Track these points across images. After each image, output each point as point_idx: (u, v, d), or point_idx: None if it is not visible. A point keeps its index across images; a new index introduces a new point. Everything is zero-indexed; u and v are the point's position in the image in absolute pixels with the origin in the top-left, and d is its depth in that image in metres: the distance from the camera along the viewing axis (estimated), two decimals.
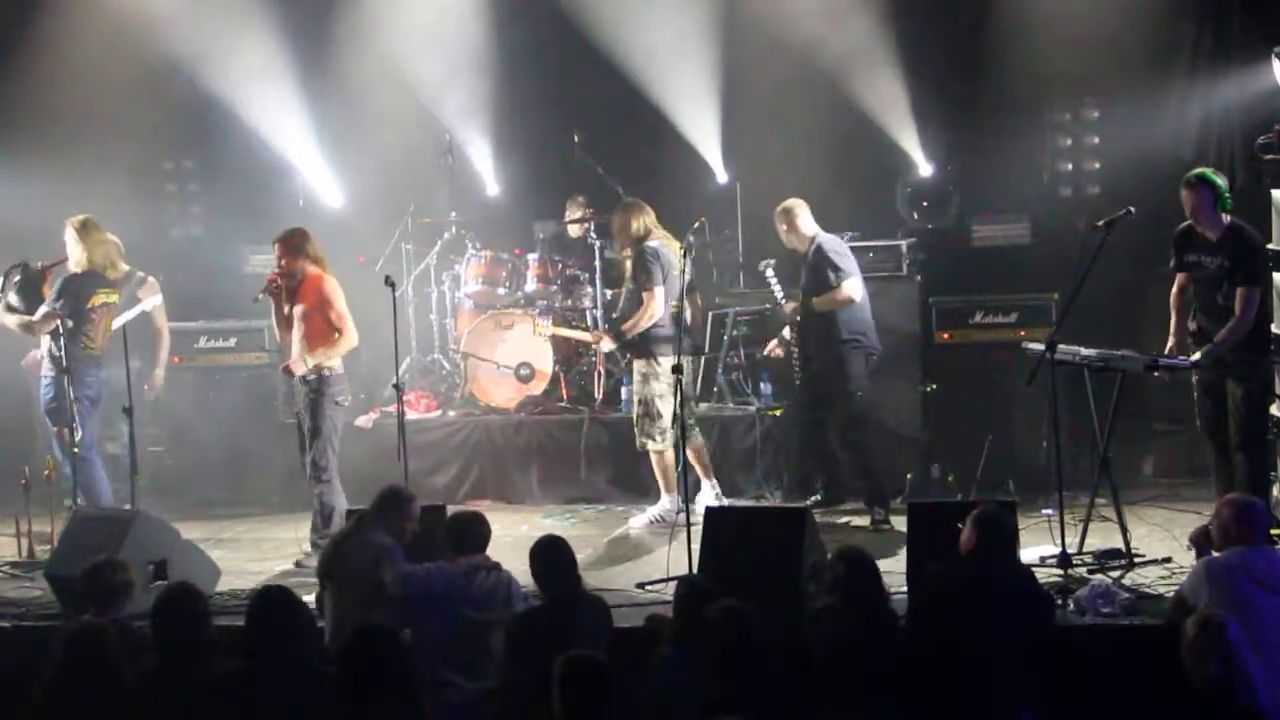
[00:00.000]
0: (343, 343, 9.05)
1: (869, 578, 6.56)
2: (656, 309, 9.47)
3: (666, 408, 9.43)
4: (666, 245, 9.61)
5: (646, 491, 10.00)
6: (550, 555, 6.72)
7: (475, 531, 6.97)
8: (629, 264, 9.76)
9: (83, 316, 9.44)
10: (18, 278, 9.65)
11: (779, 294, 9.73)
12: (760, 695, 5.70)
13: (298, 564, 8.84)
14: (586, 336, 10.40)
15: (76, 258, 9.54)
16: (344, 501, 8.79)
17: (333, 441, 8.97)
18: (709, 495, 9.60)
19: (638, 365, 9.64)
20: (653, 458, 9.64)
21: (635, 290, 9.60)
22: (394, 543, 7.01)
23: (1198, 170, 8.32)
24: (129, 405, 9.10)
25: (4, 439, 10.84)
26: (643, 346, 9.60)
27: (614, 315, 9.79)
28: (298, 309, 9.02)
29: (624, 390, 10.48)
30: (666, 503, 9.60)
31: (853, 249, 10.10)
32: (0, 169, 11.30)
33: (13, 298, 9.63)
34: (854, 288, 9.53)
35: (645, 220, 9.67)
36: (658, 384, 9.50)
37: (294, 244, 9.02)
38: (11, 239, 11.24)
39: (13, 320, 9.64)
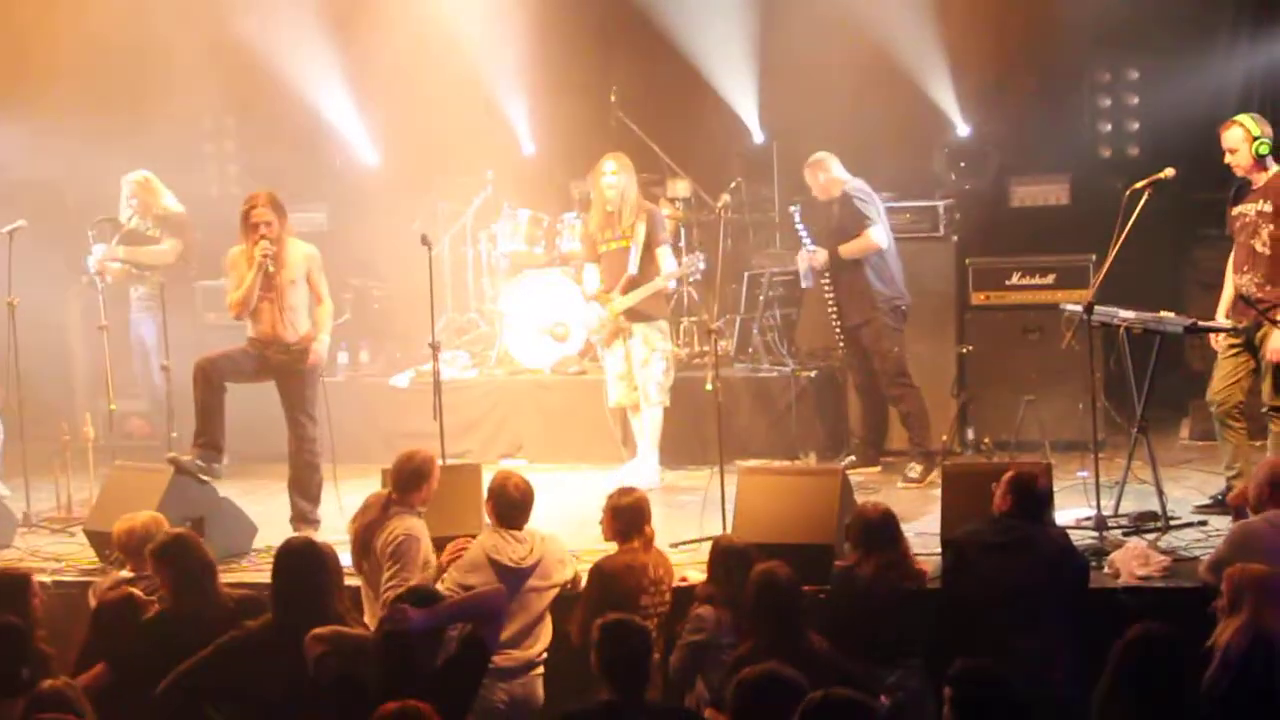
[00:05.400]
0: (329, 311, 9.00)
1: (888, 535, 6.60)
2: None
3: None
4: None
5: (678, 452, 10.00)
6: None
7: (521, 503, 6.93)
8: (632, 218, 9.59)
9: None
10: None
11: (807, 241, 9.75)
12: (799, 653, 5.71)
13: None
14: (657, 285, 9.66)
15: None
16: None
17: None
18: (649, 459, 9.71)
19: (655, 325, 9.63)
20: (653, 415, 9.65)
21: (647, 246, 9.54)
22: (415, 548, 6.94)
23: (1236, 115, 8.22)
24: (166, 363, 9.20)
25: (43, 397, 10.91)
26: (661, 305, 9.67)
27: (630, 274, 9.57)
28: (290, 276, 8.74)
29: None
30: (656, 465, 9.68)
31: (889, 209, 10.13)
32: (38, 125, 11.34)
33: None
34: (879, 235, 9.58)
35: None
36: (669, 342, 9.76)
37: (280, 205, 8.78)
38: (49, 193, 11.35)
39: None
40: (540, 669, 6.76)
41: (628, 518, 6.87)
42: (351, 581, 6.94)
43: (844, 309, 9.79)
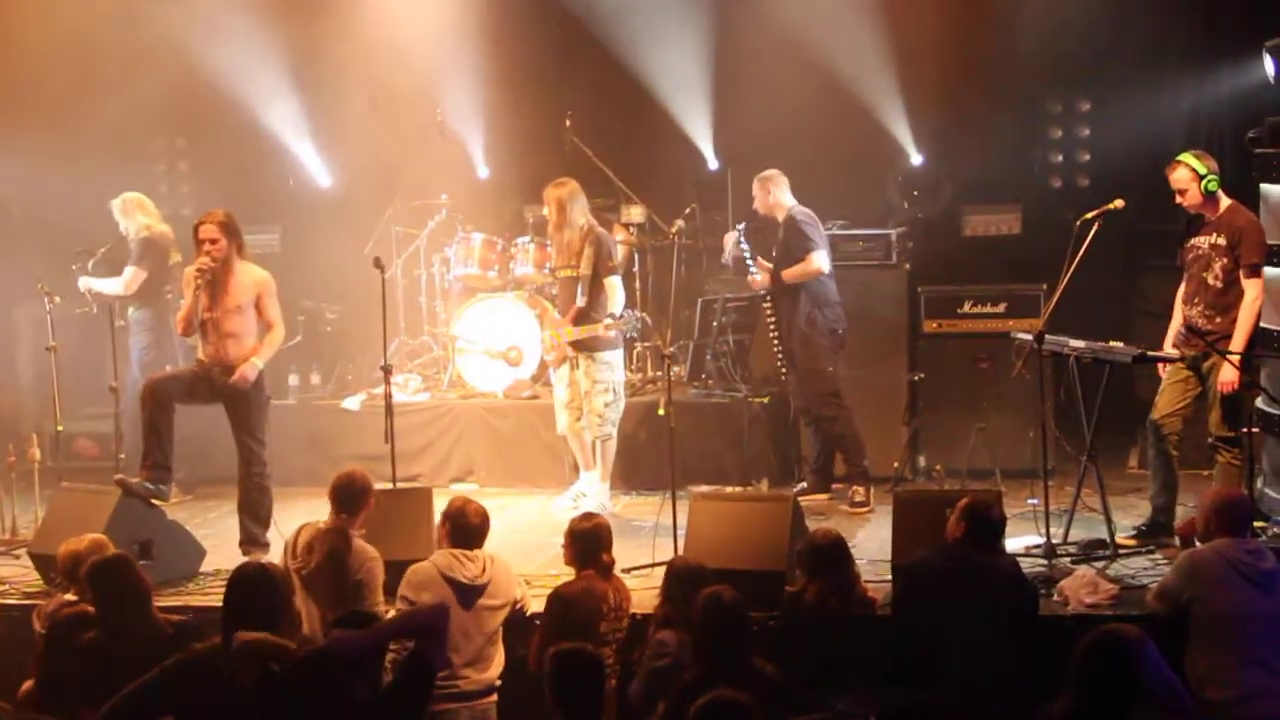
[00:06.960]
0: (278, 338, 8.86)
1: (835, 561, 6.60)
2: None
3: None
4: None
5: (631, 477, 10.02)
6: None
7: (478, 529, 6.90)
8: (575, 246, 9.47)
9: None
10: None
11: (750, 264, 9.77)
12: (746, 678, 5.70)
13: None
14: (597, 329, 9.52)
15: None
16: None
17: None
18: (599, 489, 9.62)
19: (599, 357, 9.47)
20: (604, 446, 9.54)
21: (595, 275, 9.42)
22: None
23: (1179, 155, 8.31)
24: (115, 384, 9.11)
25: None
26: (609, 337, 9.51)
27: (578, 306, 9.46)
28: (235, 301, 8.59)
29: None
30: (606, 492, 9.62)
31: (842, 237, 10.22)
32: None
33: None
34: (821, 260, 9.59)
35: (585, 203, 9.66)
36: (620, 372, 9.59)
37: (233, 227, 8.62)
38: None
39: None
40: (494, 696, 6.72)
41: (585, 543, 6.85)
42: None
43: (783, 332, 9.80)
